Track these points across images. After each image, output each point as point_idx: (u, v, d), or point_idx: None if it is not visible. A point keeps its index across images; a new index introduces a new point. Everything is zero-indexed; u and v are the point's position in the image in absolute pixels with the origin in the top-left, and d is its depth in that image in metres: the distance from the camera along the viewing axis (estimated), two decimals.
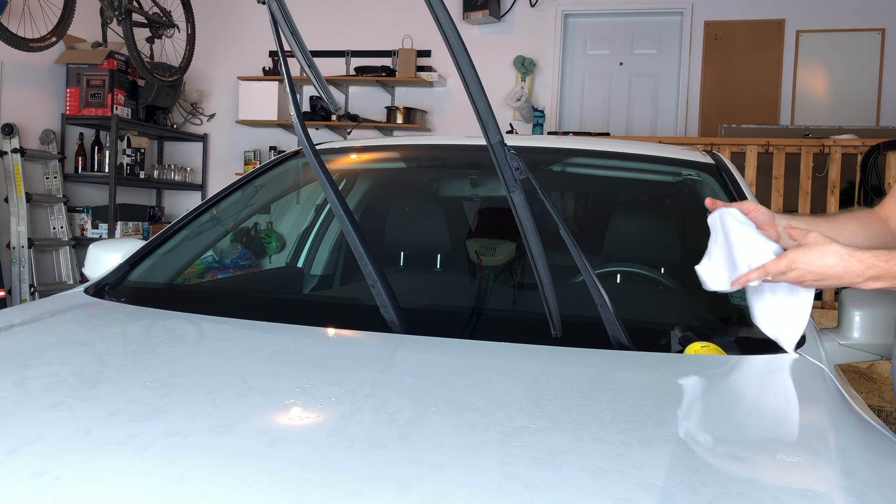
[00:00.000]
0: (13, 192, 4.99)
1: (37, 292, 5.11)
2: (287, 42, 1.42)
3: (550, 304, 1.27)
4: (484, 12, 5.86)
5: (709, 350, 1.24)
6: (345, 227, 1.34)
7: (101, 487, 0.76)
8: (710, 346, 1.25)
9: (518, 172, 1.25)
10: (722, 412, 1.07)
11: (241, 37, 6.44)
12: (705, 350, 1.24)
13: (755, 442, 0.95)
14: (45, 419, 0.90)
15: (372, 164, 2.46)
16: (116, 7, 4.77)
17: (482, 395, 1.02)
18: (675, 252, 1.99)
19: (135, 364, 1.15)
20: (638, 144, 2.13)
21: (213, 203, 1.97)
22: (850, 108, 5.57)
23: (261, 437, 0.87)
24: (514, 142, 1.63)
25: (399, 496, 0.74)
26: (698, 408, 1.08)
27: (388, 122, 5.99)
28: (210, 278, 2.22)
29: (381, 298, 1.31)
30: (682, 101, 5.85)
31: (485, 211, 2.20)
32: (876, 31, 5.52)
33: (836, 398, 1.11)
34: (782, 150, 4.59)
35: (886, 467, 0.92)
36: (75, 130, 5.60)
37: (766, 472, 0.85)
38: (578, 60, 6.13)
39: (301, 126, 1.35)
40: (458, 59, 1.20)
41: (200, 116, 6.54)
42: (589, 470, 0.80)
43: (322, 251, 2.55)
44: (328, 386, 1.06)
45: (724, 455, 0.89)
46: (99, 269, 1.82)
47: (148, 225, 5.83)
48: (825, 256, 1.15)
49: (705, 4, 5.79)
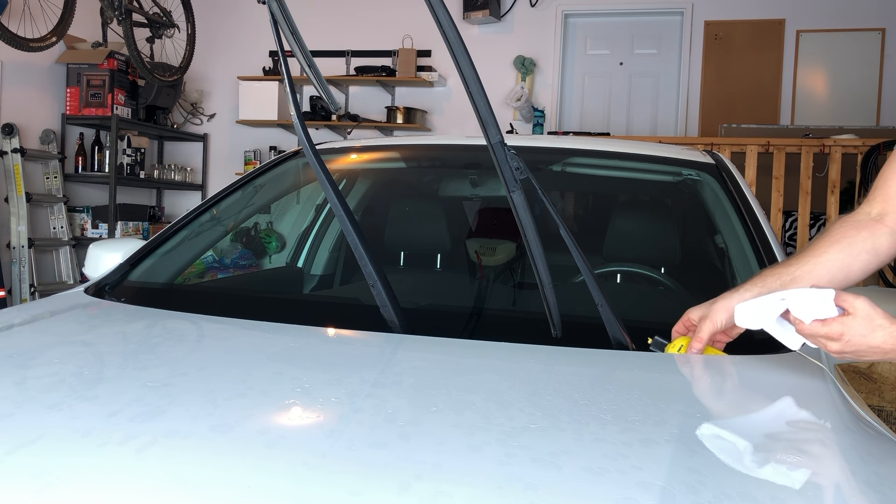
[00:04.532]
0: (13, 192, 4.99)
1: (37, 292, 5.11)
2: (287, 42, 1.42)
3: (550, 304, 1.27)
4: (484, 12, 5.86)
5: (707, 351, 1.24)
6: (345, 227, 1.34)
7: (101, 487, 0.76)
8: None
9: (518, 172, 1.25)
10: (722, 412, 1.07)
11: (241, 37, 6.44)
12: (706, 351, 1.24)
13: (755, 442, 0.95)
14: (45, 419, 0.90)
15: (372, 164, 2.46)
16: (116, 7, 4.77)
17: (482, 395, 1.02)
18: (675, 252, 1.99)
19: (135, 364, 1.14)
20: (638, 144, 2.13)
21: (213, 203, 1.97)
22: (850, 108, 5.57)
23: (261, 437, 0.87)
24: (514, 142, 1.63)
25: (399, 496, 0.74)
26: (698, 408, 1.08)
27: (388, 122, 5.99)
28: (210, 278, 2.22)
29: (381, 298, 1.31)
30: (682, 101, 5.85)
31: (485, 211, 2.20)
32: (876, 31, 5.53)
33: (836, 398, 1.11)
34: (782, 150, 4.59)
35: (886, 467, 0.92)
36: (75, 130, 5.61)
37: (766, 472, 0.85)
38: (578, 60, 6.13)
39: (301, 126, 1.35)
40: (458, 59, 1.20)
41: (200, 116, 6.55)
42: (589, 470, 0.80)
43: (322, 251, 2.55)
44: (328, 386, 1.06)
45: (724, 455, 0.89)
46: (99, 269, 1.82)
47: (148, 225, 5.83)
48: (875, 333, 1.01)
49: (705, 4, 5.79)
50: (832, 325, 1.01)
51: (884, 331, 1.00)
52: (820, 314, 1.02)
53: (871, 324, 1.00)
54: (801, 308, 1.03)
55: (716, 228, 1.97)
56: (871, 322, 1.00)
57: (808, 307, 1.03)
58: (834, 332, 1.01)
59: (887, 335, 1.00)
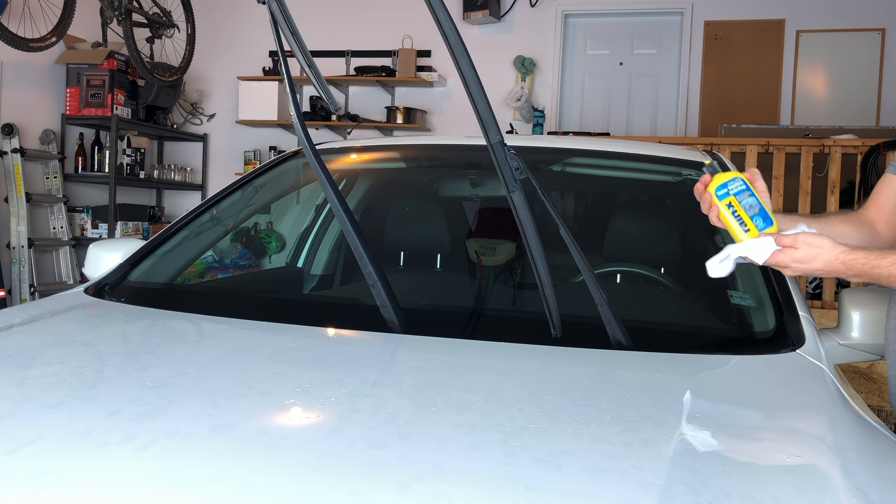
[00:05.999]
0: (13, 192, 4.99)
1: (37, 292, 5.11)
2: (287, 42, 1.42)
3: (550, 304, 1.27)
4: (484, 12, 5.86)
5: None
6: (345, 227, 1.33)
7: (101, 487, 0.76)
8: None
9: (518, 172, 1.25)
10: (722, 412, 1.07)
11: (240, 37, 6.44)
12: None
13: (755, 442, 0.95)
14: (45, 419, 0.90)
15: (372, 164, 2.46)
16: (116, 7, 4.77)
17: (482, 395, 1.02)
18: (674, 252, 1.99)
19: (135, 364, 1.15)
20: (638, 144, 2.13)
21: (213, 203, 1.97)
22: (850, 108, 5.57)
23: (261, 437, 0.87)
24: (514, 142, 1.63)
25: (399, 496, 0.74)
26: (698, 408, 1.08)
27: (388, 122, 5.99)
28: (210, 278, 2.22)
29: (381, 298, 1.31)
30: (682, 101, 5.85)
31: (485, 211, 2.20)
32: (876, 31, 5.52)
33: (836, 398, 1.11)
34: (782, 150, 4.59)
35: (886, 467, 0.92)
36: (75, 130, 5.60)
37: (766, 472, 0.85)
38: (578, 60, 6.13)
39: (301, 126, 1.35)
40: (458, 59, 1.20)
41: (200, 116, 6.55)
42: (589, 470, 0.80)
43: (322, 251, 2.55)
44: (328, 386, 1.06)
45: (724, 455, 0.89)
46: (99, 269, 1.82)
47: (148, 225, 5.83)
48: (815, 260, 1.23)
49: (705, 4, 5.79)
50: (778, 257, 1.24)
51: (823, 258, 1.23)
52: (766, 253, 1.24)
53: (811, 251, 1.23)
54: (751, 252, 1.26)
55: (715, 228, 1.96)
56: (810, 250, 1.23)
57: (756, 250, 1.25)
58: (781, 261, 1.24)
59: (825, 261, 1.23)
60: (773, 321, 1.42)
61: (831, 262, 1.23)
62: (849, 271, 1.24)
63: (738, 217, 1.26)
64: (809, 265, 1.23)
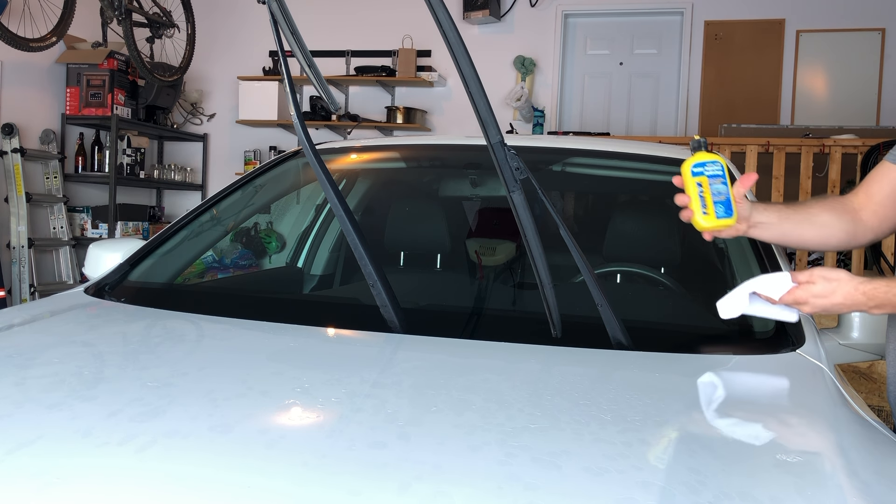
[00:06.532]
0: (13, 192, 4.99)
1: (37, 292, 5.11)
2: (287, 42, 1.42)
3: (550, 304, 1.27)
4: (484, 12, 5.86)
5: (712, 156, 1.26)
6: (345, 227, 1.34)
7: (101, 487, 0.76)
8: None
9: (518, 172, 1.25)
10: (722, 412, 1.07)
11: (240, 37, 6.44)
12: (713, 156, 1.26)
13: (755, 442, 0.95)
14: (45, 419, 0.90)
15: (372, 164, 2.46)
16: (116, 7, 4.77)
17: (482, 395, 1.02)
18: (674, 252, 1.99)
19: (135, 364, 1.15)
20: (638, 144, 2.13)
21: (213, 203, 1.97)
22: (850, 108, 5.56)
23: (261, 437, 0.87)
24: (514, 142, 1.63)
25: (399, 496, 0.74)
26: (698, 407, 1.08)
27: (388, 122, 5.98)
28: (210, 278, 2.22)
29: (381, 298, 1.31)
30: (682, 101, 5.85)
31: (485, 211, 2.19)
32: (876, 31, 5.52)
33: (836, 398, 1.11)
34: (782, 150, 4.59)
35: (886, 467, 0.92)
36: (75, 130, 5.60)
37: (766, 472, 0.85)
38: (578, 60, 6.13)
39: (301, 126, 1.35)
40: (458, 59, 1.20)
41: (200, 116, 6.54)
42: (589, 470, 0.80)
43: (322, 251, 2.55)
44: (328, 386, 1.06)
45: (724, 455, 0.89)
46: (99, 269, 1.82)
47: (148, 225, 5.83)
48: (835, 293, 1.20)
49: (705, 4, 5.79)
50: (796, 293, 1.21)
51: (842, 291, 1.19)
52: (782, 289, 1.21)
53: (829, 286, 1.19)
54: (766, 289, 1.22)
55: None
56: (828, 284, 1.19)
57: (772, 286, 1.22)
58: (799, 297, 1.21)
59: (845, 294, 1.19)
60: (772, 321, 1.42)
61: (851, 294, 1.19)
62: (870, 302, 1.19)
63: (703, 197, 1.24)
64: (829, 300, 1.20)
